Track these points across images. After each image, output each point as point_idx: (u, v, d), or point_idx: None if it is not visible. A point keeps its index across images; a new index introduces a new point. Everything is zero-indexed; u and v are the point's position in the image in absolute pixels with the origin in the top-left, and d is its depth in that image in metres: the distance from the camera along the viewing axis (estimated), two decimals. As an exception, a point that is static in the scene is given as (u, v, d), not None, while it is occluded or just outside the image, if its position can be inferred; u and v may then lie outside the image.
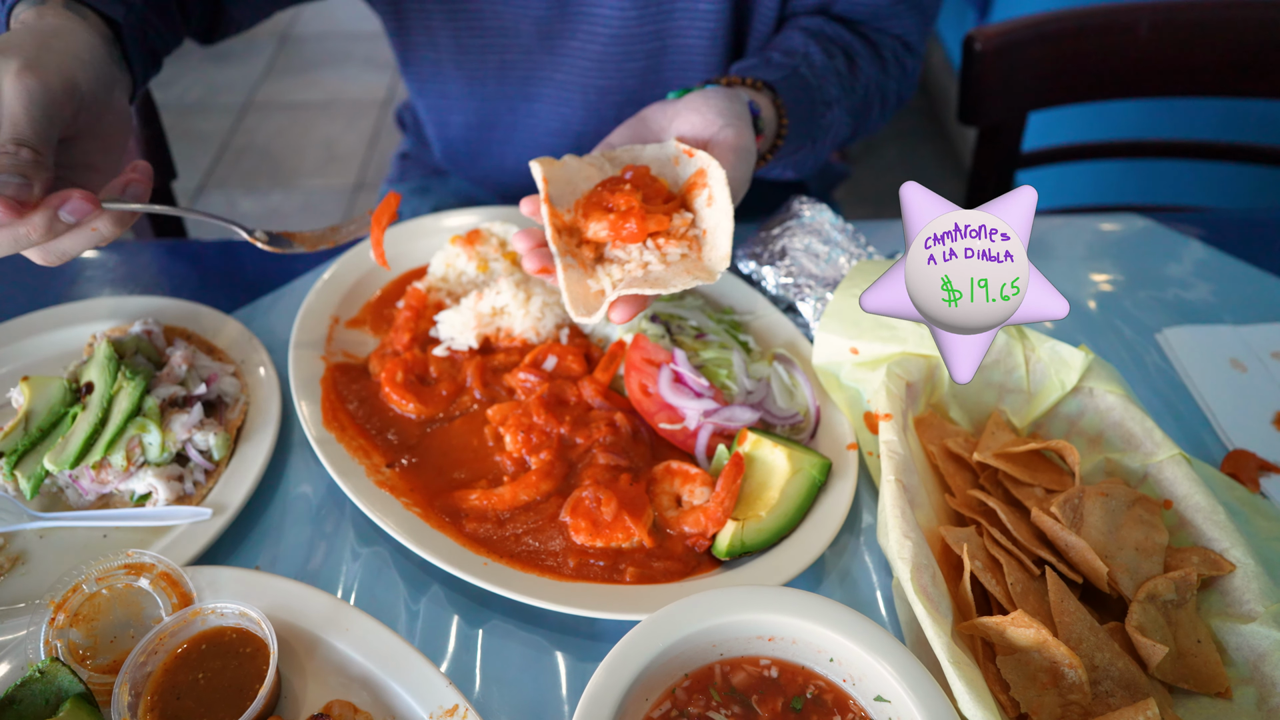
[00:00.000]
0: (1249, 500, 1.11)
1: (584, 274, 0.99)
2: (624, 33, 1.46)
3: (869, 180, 4.02)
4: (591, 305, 0.96)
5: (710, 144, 1.06)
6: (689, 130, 1.08)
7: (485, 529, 1.05)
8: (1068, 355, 1.12)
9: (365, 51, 4.99)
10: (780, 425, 1.17)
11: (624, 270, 0.99)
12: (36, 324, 1.26)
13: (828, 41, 1.42)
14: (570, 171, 1.05)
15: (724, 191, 0.99)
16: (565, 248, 0.99)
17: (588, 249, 1.01)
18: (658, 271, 0.97)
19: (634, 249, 0.99)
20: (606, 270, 0.99)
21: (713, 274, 0.98)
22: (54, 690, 0.84)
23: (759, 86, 1.24)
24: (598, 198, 1.00)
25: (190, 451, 1.09)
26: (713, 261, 0.99)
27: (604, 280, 0.98)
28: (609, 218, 0.98)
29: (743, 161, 1.06)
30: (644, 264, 0.98)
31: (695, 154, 1.04)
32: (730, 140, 1.05)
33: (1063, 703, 0.86)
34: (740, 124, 1.08)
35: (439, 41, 1.52)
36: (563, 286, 0.96)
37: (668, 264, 0.99)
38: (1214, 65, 1.83)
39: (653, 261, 0.98)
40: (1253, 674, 0.90)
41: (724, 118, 1.07)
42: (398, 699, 0.90)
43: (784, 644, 0.89)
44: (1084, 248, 1.55)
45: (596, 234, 0.99)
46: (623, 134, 1.11)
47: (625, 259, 0.99)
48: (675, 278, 0.96)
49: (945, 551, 1.00)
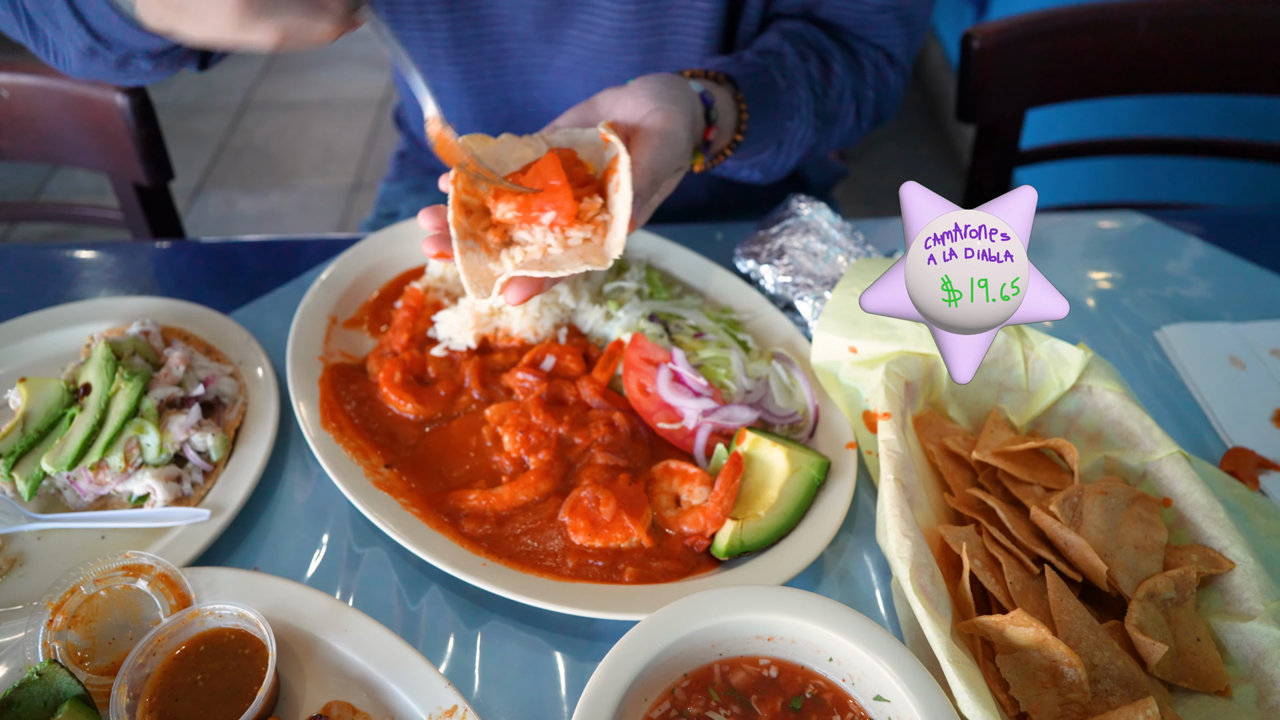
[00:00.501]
0: (1248, 498, 1.11)
1: (487, 257, 1.00)
2: (622, 26, 1.46)
3: (867, 179, 4.02)
4: (491, 287, 0.97)
5: (639, 128, 1.06)
6: (622, 115, 1.08)
7: (484, 529, 1.04)
8: (1066, 353, 1.12)
9: (363, 51, 4.98)
10: (779, 424, 1.17)
11: (525, 253, 1.00)
12: (34, 325, 1.26)
13: (803, 44, 1.42)
14: (504, 150, 1.05)
15: (628, 177, 0.99)
16: (467, 230, 1.00)
17: (495, 233, 1.01)
18: (555, 256, 0.99)
19: (537, 232, 1.00)
20: (510, 254, 1.00)
21: (605, 259, 0.98)
22: (52, 692, 0.84)
23: (720, 79, 1.24)
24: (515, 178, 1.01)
25: (188, 452, 1.08)
26: (609, 247, 1.00)
27: (507, 264, 0.99)
28: (517, 199, 0.99)
29: (666, 146, 1.05)
30: (544, 247, 0.99)
31: (610, 140, 1.04)
32: (657, 124, 1.06)
33: (1062, 701, 0.86)
34: (671, 108, 1.08)
35: (435, 35, 1.52)
36: (460, 269, 0.97)
37: (567, 248, 1.00)
38: (1212, 62, 1.83)
39: (553, 245, 0.99)
40: (1252, 672, 0.90)
41: (655, 101, 1.07)
42: (396, 700, 0.89)
43: (783, 643, 0.89)
44: (1082, 245, 1.55)
45: (503, 215, 1.00)
46: (570, 117, 1.11)
47: (529, 241, 1.00)
48: (568, 261, 0.97)
49: (944, 550, 1.00)
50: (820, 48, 1.44)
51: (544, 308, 1.26)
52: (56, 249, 1.48)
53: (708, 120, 1.18)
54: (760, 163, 1.40)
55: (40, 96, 1.68)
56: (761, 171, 1.43)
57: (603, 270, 1.27)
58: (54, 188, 4.02)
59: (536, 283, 0.98)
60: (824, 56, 1.44)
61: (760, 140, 1.31)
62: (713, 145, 1.21)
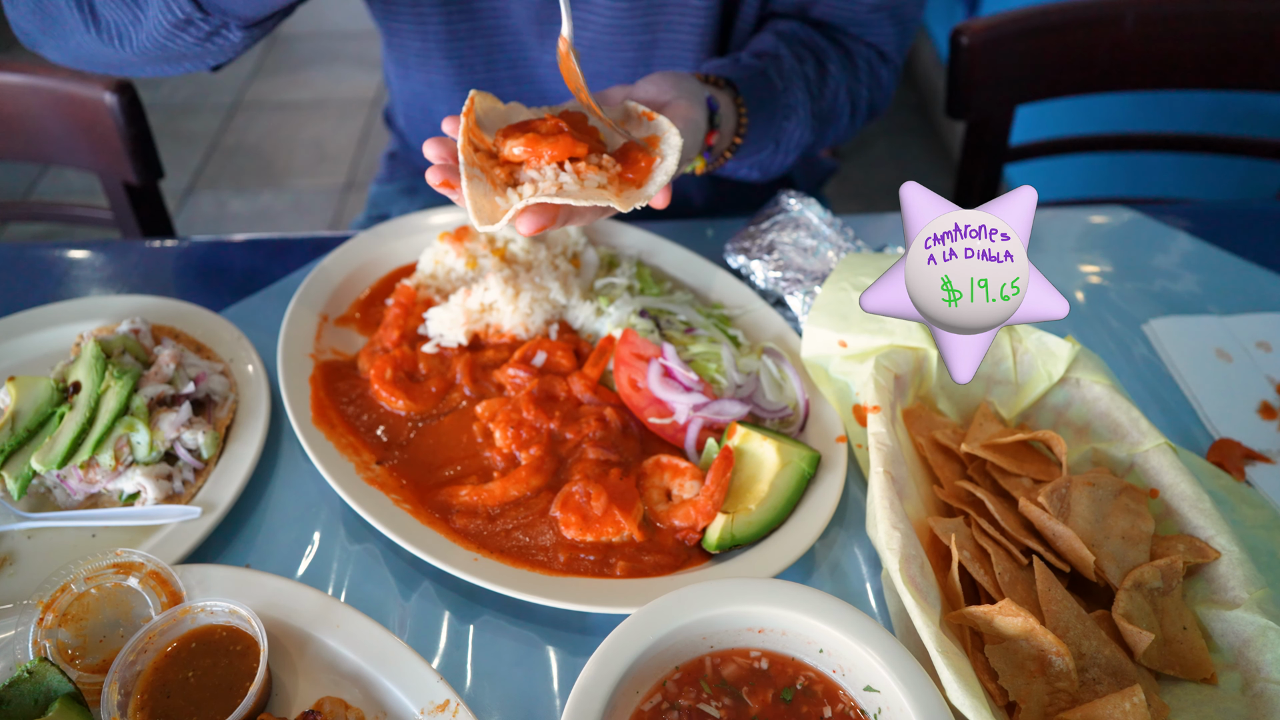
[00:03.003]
0: (1234, 488, 1.12)
1: (492, 190, 0.95)
2: (615, 23, 1.47)
3: (857, 175, 4.03)
4: (496, 216, 0.92)
5: (664, 110, 1.06)
6: (643, 97, 1.09)
7: (475, 525, 1.05)
8: (1054, 346, 1.13)
9: (355, 51, 4.97)
10: (769, 418, 1.17)
11: (536, 189, 0.94)
12: (23, 324, 1.26)
13: (799, 45, 1.43)
14: (511, 112, 1.04)
15: (675, 156, 0.98)
16: (474, 161, 0.95)
17: (501, 171, 0.97)
18: (572, 190, 0.94)
19: (549, 170, 0.95)
20: (518, 191, 0.95)
21: (628, 202, 0.94)
22: (43, 690, 0.84)
23: (720, 84, 1.25)
24: (523, 124, 0.98)
25: (179, 450, 1.08)
26: (633, 196, 0.96)
27: (514, 200, 0.94)
28: (526, 136, 0.95)
29: (690, 133, 1.06)
30: (559, 184, 0.94)
31: (656, 118, 1.03)
32: (683, 110, 1.07)
33: (1050, 690, 0.87)
34: (693, 99, 1.09)
35: (428, 29, 1.52)
36: (465, 196, 0.91)
37: (584, 187, 0.95)
38: (1200, 57, 1.84)
39: (569, 183, 0.95)
40: (1237, 659, 0.91)
41: (678, 89, 1.09)
42: (389, 695, 0.90)
43: (774, 636, 0.90)
44: (1072, 240, 1.56)
45: (511, 150, 0.96)
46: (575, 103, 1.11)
47: (539, 180, 0.95)
48: (586, 195, 0.92)
49: (933, 542, 1.01)
50: (815, 48, 1.45)
51: (534, 304, 1.26)
52: (46, 248, 1.47)
53: (710, 125, 1.18)
54: (758, 163, 1.41)
55: (28, 96, 1.68)
56: (760, 171, 1.44)
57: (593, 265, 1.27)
58: (44, 187, 4.01)
59: (551, 213, 0.93)
60: (819, 57, 1.45)
61: (759, 142, 1.32)
62: (714, 148, 1.22)
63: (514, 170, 0.97)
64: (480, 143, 0.98)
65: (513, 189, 0.95)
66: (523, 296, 1.25)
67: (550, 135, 0.95)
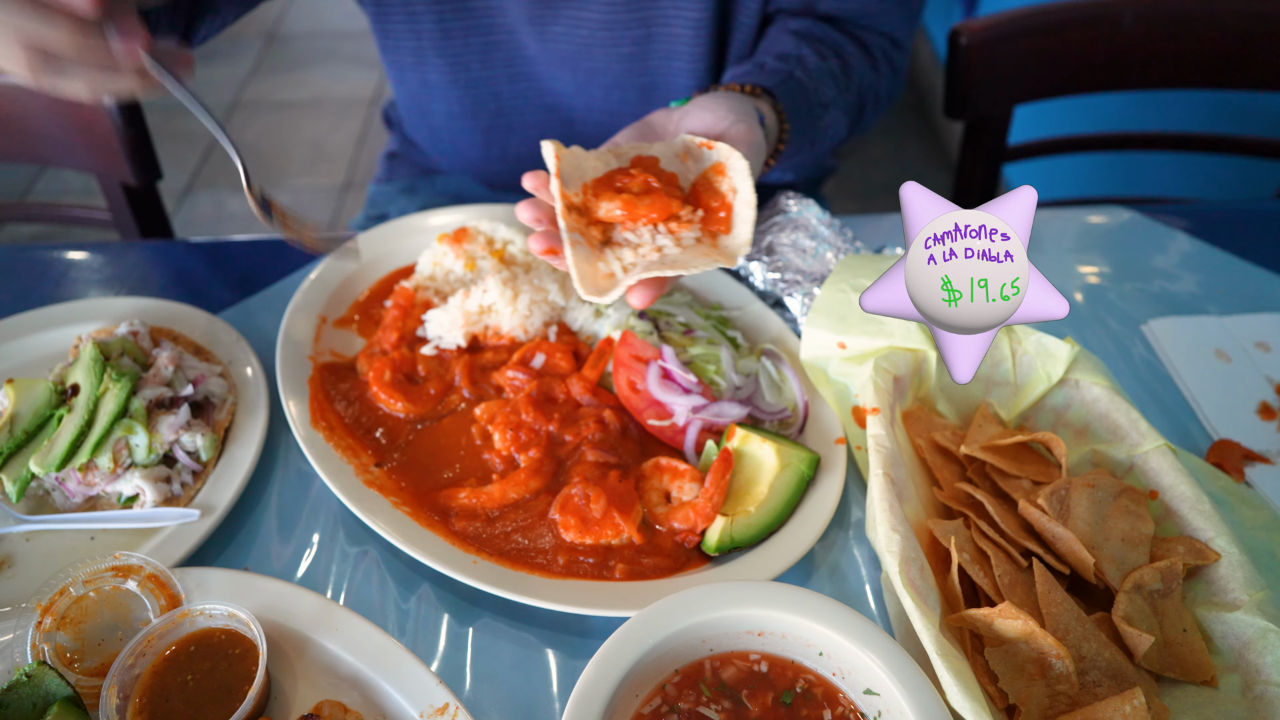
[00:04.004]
0: (1234, 489, 1.12)
1: (592, 254, 0.95)
2: (610, 19, 1.47)
3: (856, 175, 4.03)
4: (602, 286, 0.93)
5: (723, 138, 1.06)
6: (699, 127, 1.08)
7: (474, 527, 1.05)
8: (1054, 348, 1.13)
9: (352, 50, 4.97)
10: (769, 420, 1.17)
11: (636, 254, 0.96)
12: (21, 326, 1.25)
13: (819, 44, 1.42)
14: (578, 159, 1.02)
15: (747, 181, 0.99)
16: (573, 225, 0.96)
17: (595, 230, 0.98)
18: (674, 255, 0.95)
19: (645, 232, 0.97)
20: (616, 254, 0.96)
21: (733, 257, 0.96)
22: (41, 694, 0.84)
23: (758, 93, 1.25)
24: (608, 180, 0.98)
25: (178, 453, 1.08)
26: (733, 247, 0.97)
27: (613, 263, 0.95)
28: (621, 198, 0.96)
29: (754, 155, 1.07)
30: (658, 247, 0.96)
31: (715, 146, 1.03)
32: (742, 134, 1.06)
33: (1050, 693, 0.87)
34: (750, 121, 1.09)
35: (421, 28, 1.52)
36: (571, 265, 0.92)
37: (683, 248, 0.96)
38: (1198, 57, 1.84)
39: (667, 245, 0.96)
40: (1238, 661, 0.90)
41: (734, 114, 1.08)
42: (388, 698, 0.90)
43: (774, 639, 0.89)
44: (1070, 240, 1.56)
45: (609, 213, 0.96)
46: (628, 135, 1.10)
47: (637, 242, 0.96)
48: (695, 259, 0.93)
49: (933, 544, 1.01)
50: (833, 43, 1.45)
51: (533, 305, 1.26)
52: (44, 249, 1.47)
53: None
54: (794, 164, 1.42)
55: (26, 96, 1.67)
56: (794, 171, 1.45)
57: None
58: (42, 188, 4.00)
59: (660, 284, 0.95)
60: (839, 52, 1.45)
61: (798, 144, 1.33)
62: None
63: (607, 229, 0.98)
64: (566, 197, 0.97)
65: (606, 247, 0.97)
66: (521, 298, 1.25)
67: (644, 195, 0.96)
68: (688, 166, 1.05)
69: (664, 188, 0.98)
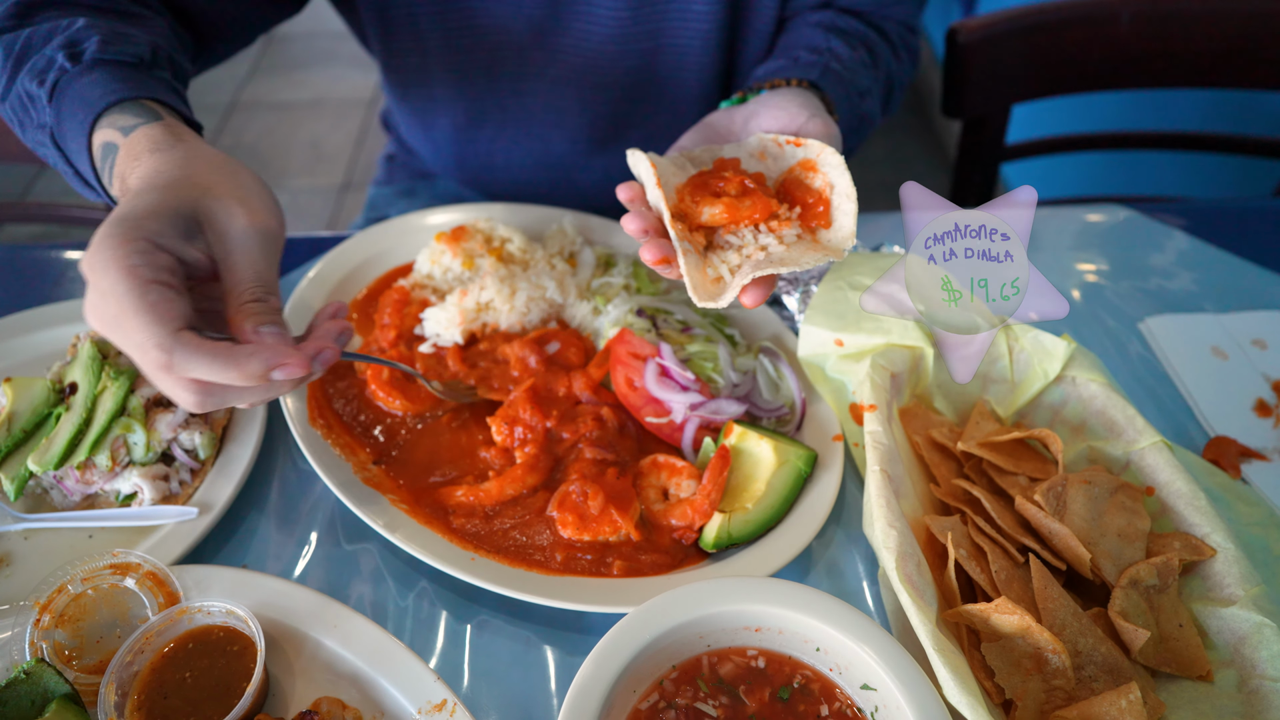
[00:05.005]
0: (1230, 486, 1.12)
1: (700, 260, 0.96)
2: (618, 32, 1.47)
3: (854, 174, 4.02)
4: (712, 291, 0.93)
5: (799, 134, 1.06)
6: (774, 125, 1.07)
7: (472, 524, 1.05)
8: (1050, 345, 1.13)
9: (352, 50, 4.96)
10: (766, 417, 1.18)
11: (740, 255, 0.96)
12: (19, 325, 1.26)
13: (845, 35, 1.43)
14: (661, 166, 1.02)
15: (844, 175, 0.98)
16: (682, 233, 0.96)
17: (699, 235, 0.98)
18: (779, 253, 0.95)
19: (747, 234, 0.97)
20: (721, 257, 0.97)
21: (840, 250, 0.96)
22: (40, 691, 0.84)
23: (804, 85, 1.24)
24: (702, 184, 0.99)
25: (176, 451, 1.08)
26: (837, 240, 0.97)
27: (720, 267, 0.95)
28: (722, 201, 0.96)
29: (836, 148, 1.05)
30: (762, 247, 0.96)
31: (805, 143, 1.02)
32: (820, 129, 1.05)
33: (1047, 688, 0.87)
34: (824, 115, 1.08)
35: (427, 45, 1.52)
36: (685, 274, 0.93)
37: (787, 246, 0.96)
38: (1195, 56, 1.84)
39: (771, 244, 0.96)
40: (1233, 656, 0.91)
41: (807, 109, 1.08)
42: (386, 695, 0.90)
43: (771, 634, 0.90)
44: (1068, 238, 1.56)
45: (711, 217, 0.97)
46: (692, 138, 1.09)
47: (739, 244, 0.97)
48: (803, 255, 0.94)
49: (930, 540, 1.01)
50: (859, 34, 1.46)
51: (531, 303, 1.26)
52: (42, 249, 1.47)
53: None
54: None
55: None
56: None
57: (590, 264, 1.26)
58: (41, 188, 4.00)
59: (770, 282, 0.95)
60: (866, 42, 1.46)
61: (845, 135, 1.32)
62: None
63: (710, 233, 0.98)
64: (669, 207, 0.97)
65: (710, 251, 0.97)
66: (519, 295, 1.25)
67: (743, 197, 0.96)
68: (766, 165, 1.05)
69: (760, 188, 0.98)
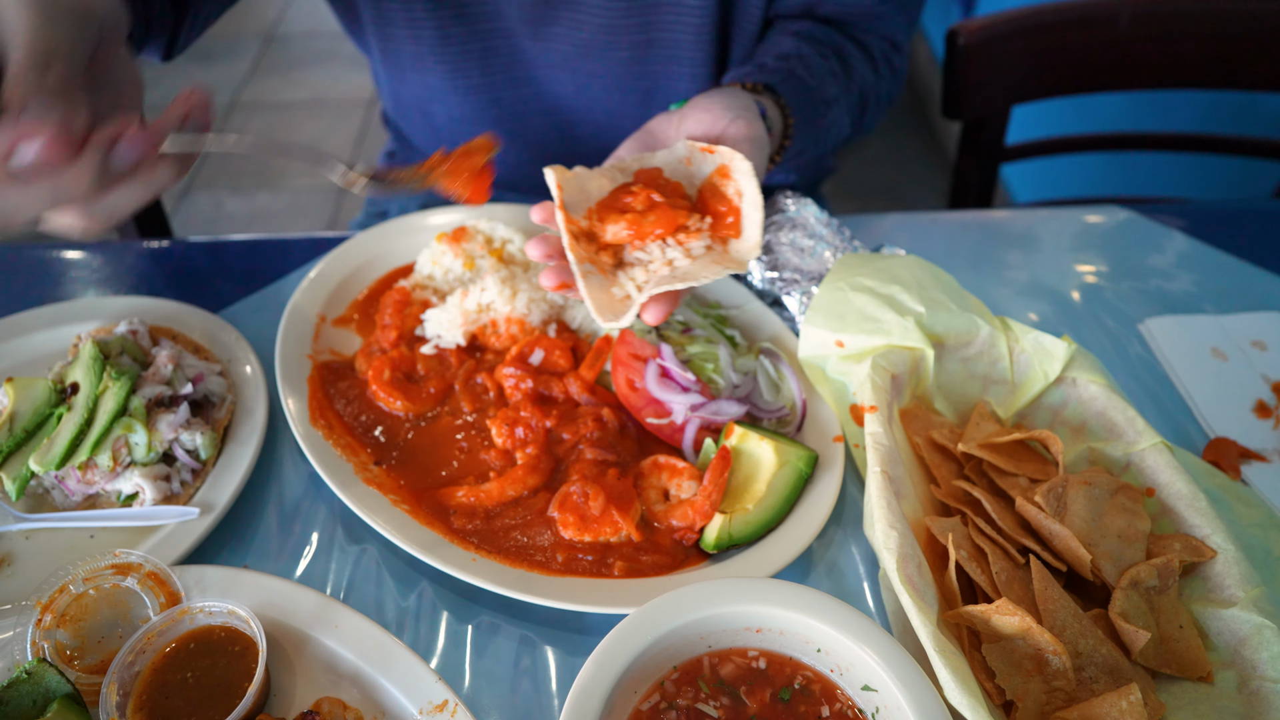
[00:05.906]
0: (1230, 487, 1.13)
1: (605, 280, 0.96)
2: (610, 23, 1.47)
3: (854, 175, 4.04)
4: (618, 310, 0.93)
5: (722, 139, 1.06)
6: (698, 130, 1.07)
7: (473, 525, 1.05)
8: (1051, 346, 1.13)
9: (351, 50, 4.95)
10: (767, 418, 1.18)
11: (648, 271, 0.96)
12: (20, 325, 1.26)
13: (819, 44, 1.43)
14: (582, 180, 1.02)
15: (751, 182, 0.98)
16: (583, 255, 0.96)
17: (606, 255, 0.98)
18: (684, 267, 0.95)
19: (654, 248, 0.96)
20: (629, 274, 0.96)
21: (743, 263, 0.96)
22: (41, 691, 0.84)
23: (759, 89, 1.24)
24: (612, 201, 0.98)
25: (177, 451, 1.08)
26: (742, 251, 0.97)
27: (627, 285, 0.96)
28: (626, 217, 0.96)
29: (757, 150, 1.05)
30: (668, 261, 0.96)
31: (716, 150, 1.02)
32: (742, 131, 1.05)
33: (1047, 689, 0.87)
34: (749, 115, 1.08)
35: (422, 33, 1.52)
36: (585, 296, 0.92)
37: (693, 259, 0.96)
38: (1195, 57, 1.84)
39: (677, 258, 0.96)
40: (1233, 658, 0.91)
41: (731, 111, 1.07)
42: (387, 695, 0.90)
43: (772, 635, 0.90)
44: (1068, 240, 1.56)
45: (616, 235, 0.96)
46: (630, 146, 1.09)
47: (647, 259, 0.97)
48: (704, 269, 0.94)
49: (931, 541, 1.01)
50: (834, 45, 1.45)
51: (532, 304, 1.26)
52: (43, 249, 1.47)
53: None
54: (799, 165, 1.40)
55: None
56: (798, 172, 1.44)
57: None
58: (40, 189, 4.00)
59: (673, 298, 0.95)
60: (840, 53, 1.45)
61: (802, 142, 1.32)
62: None
63: (618, 251, 0.98)
64: (573, 225, 0.97)
65: (619, 269, 0.97)
66: (520, 296, 1.25)
67: (648, 212, 0.96)
68: (690, 172, 1.04)
69: (668, 200, 0.97)
